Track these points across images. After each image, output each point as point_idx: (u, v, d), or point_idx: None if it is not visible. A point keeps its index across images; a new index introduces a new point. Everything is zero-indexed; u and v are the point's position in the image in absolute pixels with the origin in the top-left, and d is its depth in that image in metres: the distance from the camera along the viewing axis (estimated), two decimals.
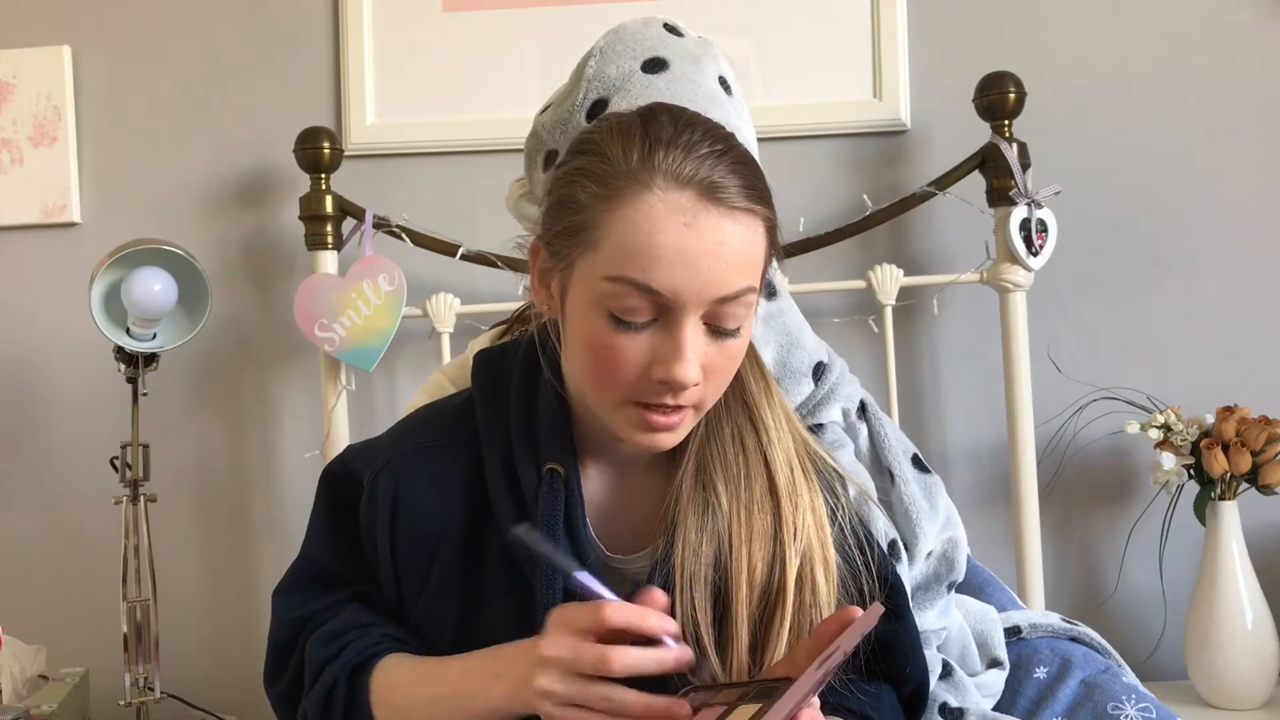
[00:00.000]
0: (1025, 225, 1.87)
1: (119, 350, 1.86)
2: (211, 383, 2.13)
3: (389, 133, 2.09)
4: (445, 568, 1.01)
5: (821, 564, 0.98)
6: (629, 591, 0.94)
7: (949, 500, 1.33)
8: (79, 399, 2.11)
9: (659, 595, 0.89)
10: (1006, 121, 1.90)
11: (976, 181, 1.93)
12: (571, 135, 1.20)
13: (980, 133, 1.92)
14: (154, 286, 1.78)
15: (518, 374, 1.04)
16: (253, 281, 2.12)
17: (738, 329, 0.92)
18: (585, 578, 0.88)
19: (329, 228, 1.98)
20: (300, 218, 2.00)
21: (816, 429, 1.26)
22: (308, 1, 2.12)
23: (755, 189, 0.91)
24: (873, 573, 1.01)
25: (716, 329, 0.91)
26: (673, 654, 0.86)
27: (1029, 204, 1.87)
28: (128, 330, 1.83)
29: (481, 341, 1.39)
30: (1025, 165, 1.88)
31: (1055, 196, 1.89)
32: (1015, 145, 1.88)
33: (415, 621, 1.03)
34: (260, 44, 2.12)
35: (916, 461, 1.32)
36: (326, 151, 1.97)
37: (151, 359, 1.88)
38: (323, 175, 1.99)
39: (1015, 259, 1.88)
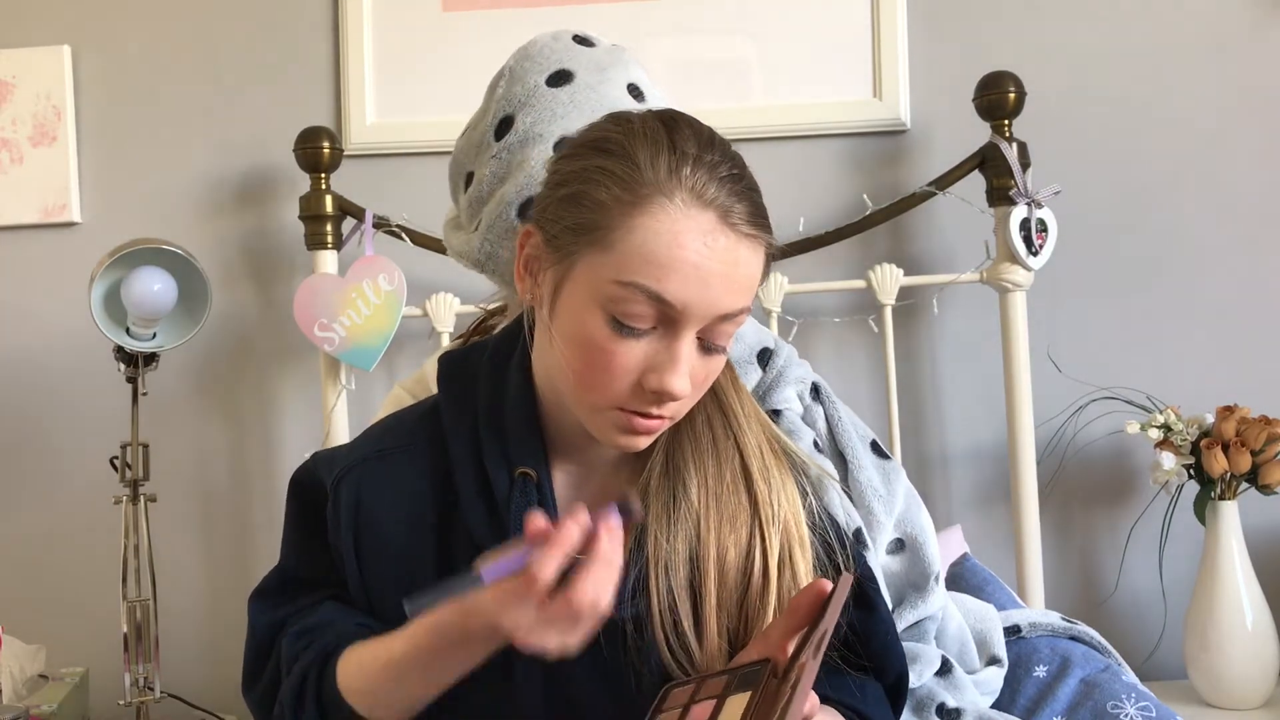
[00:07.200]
0: (1025, 225, 1.87)
1: (119, 350, 1.86)
2: (211, 382, 2.13)
3: (389, 133, 2.09)
4: (413, 571, 1.00)
5: (799, 545, 0.98)
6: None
7: (910, 486, 1.32)
8: (79, 399, 2.11)
9: (537, 518, 0.83)
10: (1006, 121, 1.90)
11: (976, 181, 1.93)
12: (486, 156, 1.22)
13: (980, 132, 1.92)
14: (154, 286, 1.78)
15: (485, 374, 1.03)
16: (253, 281, 2.12)
17: (724, 346, 0.94)
18: (490, 570, 0.82)
19: (329, 227, 1.98)
20: (300, 217, 2.00)
21: (773, 415, 1.26)
22: (308, 1, 2.12)
23: (761, 217, 0.93)
24: (848, 554, 1.01)
25: (707, 345, 0.93)
26: (577, 528, 0.83)
27: (1029, 204, 1.87)
28: (128, 330, 1.83)
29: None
30: (1025, 165, 1.88)
31: (1055, 196, 1.89)
32: (1015, 145, 1.88)
33: (385, 625, 1.02)
34: (260, 44, 2.12)
35: (875, 447, 1.31)
36: (326, 151, 1.97)
37: (151, 359, 1.88)
38: (323, 175, 1.99)
39: (1015, 259, 1.88)
